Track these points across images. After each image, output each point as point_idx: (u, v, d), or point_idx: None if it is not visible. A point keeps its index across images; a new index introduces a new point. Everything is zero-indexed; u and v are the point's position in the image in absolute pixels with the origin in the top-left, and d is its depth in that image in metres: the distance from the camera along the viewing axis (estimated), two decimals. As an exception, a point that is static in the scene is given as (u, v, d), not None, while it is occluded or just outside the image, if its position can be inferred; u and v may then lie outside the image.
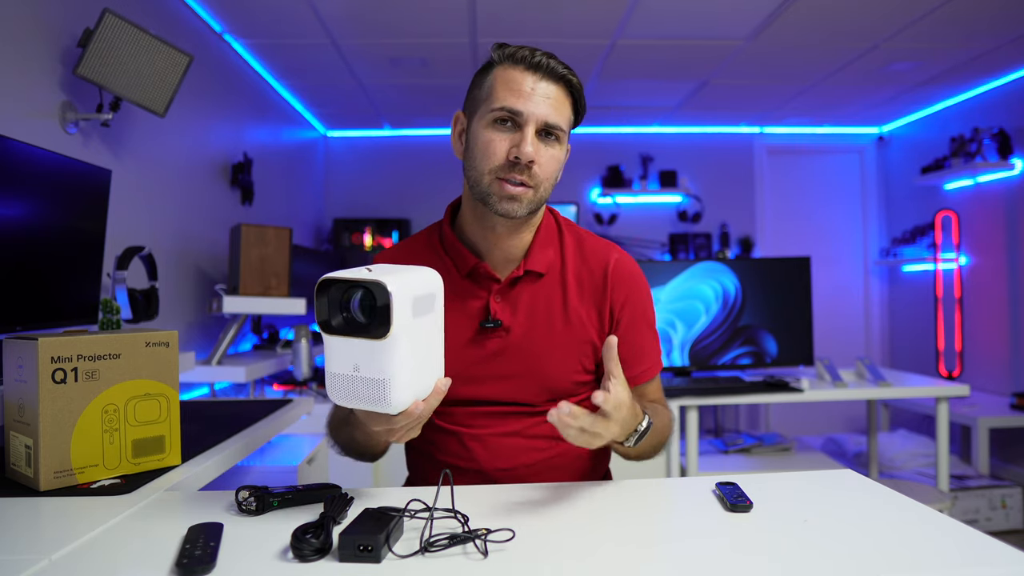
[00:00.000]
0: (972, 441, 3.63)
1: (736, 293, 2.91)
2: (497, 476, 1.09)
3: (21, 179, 1.52)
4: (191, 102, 2.66)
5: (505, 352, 1.10)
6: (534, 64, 1.02)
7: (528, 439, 1.11)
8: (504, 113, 1.01)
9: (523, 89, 1.01)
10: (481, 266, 1.10)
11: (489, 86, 1.04)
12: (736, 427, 4.85)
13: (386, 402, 0.79)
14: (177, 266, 2.63)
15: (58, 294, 1.68)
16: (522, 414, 1.11)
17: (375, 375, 0.79)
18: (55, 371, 0.96)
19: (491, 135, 1.02)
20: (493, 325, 1.09)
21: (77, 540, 0.78)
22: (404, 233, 4.77)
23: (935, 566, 0.70)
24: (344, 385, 0.81)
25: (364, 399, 0.80)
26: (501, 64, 1.04)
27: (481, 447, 1.10)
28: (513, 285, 1.11)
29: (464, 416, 1.11)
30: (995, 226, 3.96)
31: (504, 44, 1.05)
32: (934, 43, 3.27)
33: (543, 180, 1.04)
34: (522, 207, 1.03)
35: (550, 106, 1.02)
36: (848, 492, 0.96)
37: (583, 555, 0.74)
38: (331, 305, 0.79)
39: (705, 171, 5.00)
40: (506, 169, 1.02)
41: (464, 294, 1.11)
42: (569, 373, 1.11)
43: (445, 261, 1.13)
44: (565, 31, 3.09)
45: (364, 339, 0.78)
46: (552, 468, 1.12)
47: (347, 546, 0.71)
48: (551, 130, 1.03)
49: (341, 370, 0.80)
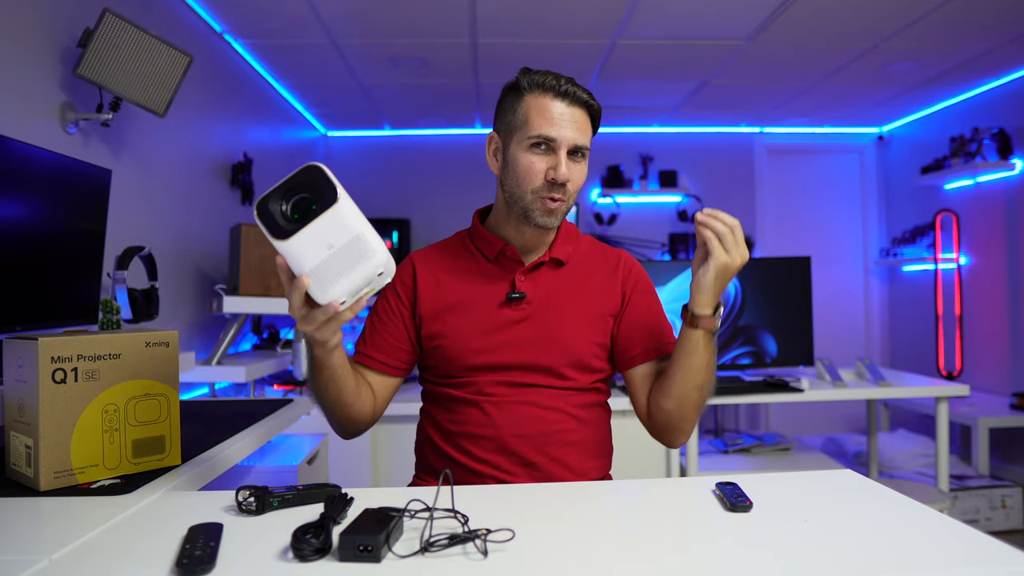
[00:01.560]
0: (972, 441, 3.63)
1: (736, 293, 2.91)
2: (511, 443, 1.16)
3: (21, 179, 1.52)
4: (191, 102, 2.66)
5: (527, 319, 1.20)
6: (561, 92, 1.15)
7: (544, 409, 1.18)
8: (540, 139, 1.15)
9: (554, 117, 1.15)
10: (508, 248, 1.22)
11: (524, 113, 1.17)
12: (736, 427, 4.85)
13: (371, 251, 0.86)
14: (177, 266, 2.63)
15: (58, 294, 1.68)
16: (540, 385, 1.19)
17: (348, 237, 0.85)
18: (55, 371, 0.96)
19: (530, 159, 1.16)
20: (518, 296, 1.21)
21: (77, 540, 0.78)
22: (404, 233, 4.76)
23: (935, 566, 0.70)
24: (327, 272, 0.86)
25: (349, 268, 0.86)
26: (531, 92, 1.17)
27: (499, 412, 1.17)
28: (537, 268, 1.24)
29: (485, 385, 1.19)
30: (995, 226, 3.96)
31: (529, 70, 1.18)
32: (934, 43, 3.27)
33: (573, 193, 1.19)
34: (558, 218, 1.19)
35: (577, 129, 1.16)
36: (848, 492, 0.96)
37: (583, 555, 0.74)
38: (278, 214, 0.86)
39: (705, 171, 5.00)
40: (546, 189, 1.16)
41: (491, 275, 1.23)
42: (585, 342, 1.21)
43: (473, 252, 1.26)
44: (565, 31, 3.08)
45: (321, 215, 0.85)
46: (563, 443, 1.18)
47: (347, 546, 0.71)
48: (579, 150, 1.17)
49: (317, 259, 0.85)
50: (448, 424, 1.21)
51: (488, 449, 1.17)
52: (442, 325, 1.21)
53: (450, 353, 1.20)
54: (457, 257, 1.27)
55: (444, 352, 1.20)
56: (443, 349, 1.20)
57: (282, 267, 0.88)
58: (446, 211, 4.69)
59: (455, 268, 1.25)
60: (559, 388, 1.19)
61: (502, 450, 1.16)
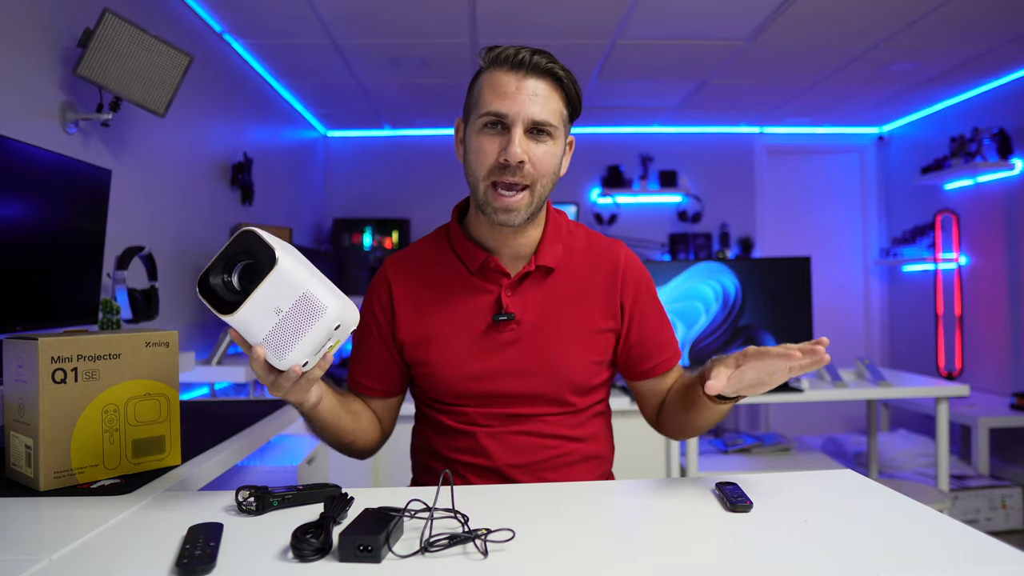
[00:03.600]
0: (972, 441, 3.63)
1: (736, 293, 2.91)
2: (509, 472, 1.10)
3: (21, 179, 1.51)
4: (191, 102, 2.66)
5: (518, 344, 1.10)
6: (517, 62, 1.01)
7: (543, 438, 1.11)
8: (491, 117, 1.01)
9: (508, 90, 1.00)
10: (491, 260, 1.10)
11: (478, 91, 1.04)
12: (736, 427, 4.85)
13: (321, 308, 0.81)
14: (177, 266, 2.63)
15: (58, 294, 1.68)
16: (538, 415, 1.11)
17: (295, 297, 0.81)
18: (55, 371, 0.96)
19: (481, 140, 1.03)
20: (506, 318, 1.08)
21: (77, 540, 0.78)
22: (404, 233, 4.76)
23: (935, 566, 0.70)
24: (280, 337, 0.82)
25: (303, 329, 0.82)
26: (488, 68, 1.04)
27: (496, 444, 1.10)
28: (523, 280, 1.12)
29: (478, 416, 1.11)
30: (995, 226, 3.96)
31: (492, 47, 1.04)
32: (934, 43, 3.27)
33: (538, 177, 1.04)
34: (519, 215, 1.04)
35: (537, 103, 1.01)
36: (848, 492, 0.96)
37: (583, 555, 0.74)
38: (220, 287, 0.82)
39: (705, 171, 5.00)
40: (497, 172, 1.02)
41: (474, 290, 1.11)
42: (583, 364, 1.11)
43: (454, 260, 1.13)
44: (565, 31, 3.08)
45: (263, 281, 0.80)
46: (564, 465, 1.12)
47: (347, 546, 0.71)
48: (540, 127, 1.02)
49: (268, 326, 0.82)
50: (443, 449, 1.14)
51: (485, 476, 1.11)
52: (425, 352, 1.11)
53: (436, 382, 1.11)
54: (437, 268, 1.14)
55: (431, 380, 1.12)
56: (430, 377, 1.12)
57: (236, 339, 0.83)
58: (446, 211, 4.61)
59: (435, 282, 1.13)
60: (558, 414, 1.11)
61: (500, 477, 1.11)
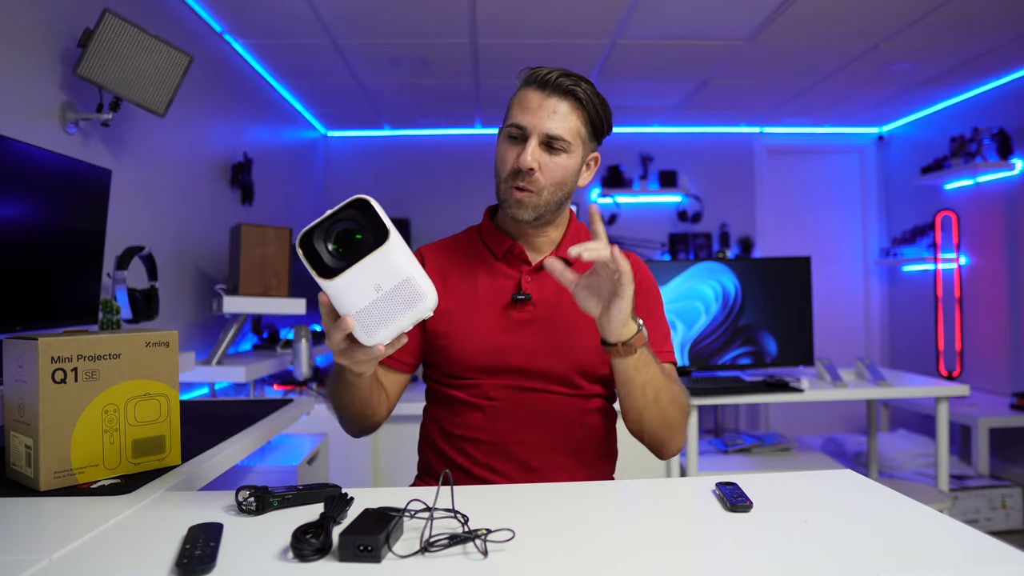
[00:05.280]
0: (972, 441, 3.63)
1: (736, 293, 2.91)
2: (514, 448, 1.16)
3: (21, 179, 1.52)
4: (191, 102, 2.66)
5: (533, 324, 1.19)
6: (543, 82, 1.13)
7: (549, 415, 1.17)
8: (514, 129, 1.14)
9: (531, 106, 1.12)
10: (516, 246, 1.22)
11: (510, 105, 1.17)
12: (736, 427, 4.85)
13: (422, 295, 0.80)
14: (177, 266, 2.63)
15: (58, 294, 1.68)
16: (545, 391, 1.17)
17: (398, 280, 0.79)
18: (55, 371, 0.96)
19: (504, 147, 1.16)
20: (524, 298, 1.19)
21: (77, 540, 0.78)
22: (404, 233, 4.76)
23: (935, 566, 0.70)
24: (373, 315, 0.80)
25: (398, 312, 0.80)
26: (522, 86, 1.16)
27: (503, 417, 1.16)
28: (543, 268, 1.19)
29: (489, 388, 1.17)
30: (995, 226, 3.96)
31: (532, 68, 1.16)
32: (934, 43, 3.27)
33: (545, 185, 1.14)
34: (527, 211, 1.15)
35: (555, 120, 1.12)
36: (848, 492, 0.96)
37: (583, 555, 0.74)
38: (323, 250, 0.80)
39: (705, 171, 5.00)
40: (512, 176, 1.14)
41: (498, 274, 1.22)
42: (592, 349, 1.16)
43: (481, 248, 1.26)
44: (565, 31, 3.08)
45: (369, 256, 0.79)
46: (567, 450, 1.17)
47: (347, 546, 0.71)
48: (553, 141, 1.12)
49: (364, 302, 0.80)
50: (450, 427, 1.20)
51: (490, 454, 1.16)
52: (447, 323, 1.19)
53: (453, 354, 1.19)
54: (466, 253, 1.26)
55: (448, 353, 1.19)
56: (447, 349, 1.19)
57: (324, 305, 0.83)
58: (446, 211, 4.69)
59: (463, 264, 1.24)
60: (564, 394, 1.18)
61: (504, 455, 1.16)
